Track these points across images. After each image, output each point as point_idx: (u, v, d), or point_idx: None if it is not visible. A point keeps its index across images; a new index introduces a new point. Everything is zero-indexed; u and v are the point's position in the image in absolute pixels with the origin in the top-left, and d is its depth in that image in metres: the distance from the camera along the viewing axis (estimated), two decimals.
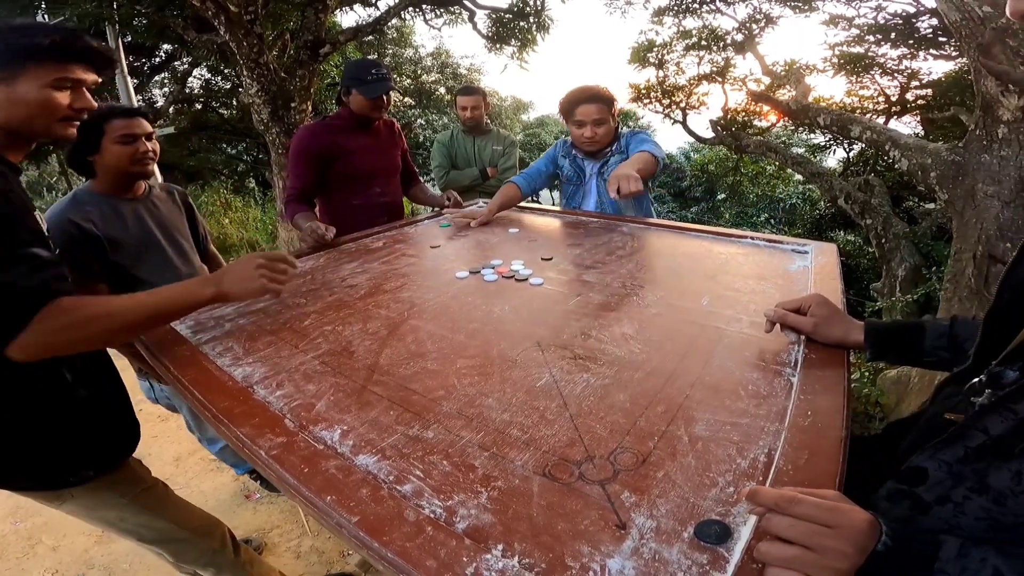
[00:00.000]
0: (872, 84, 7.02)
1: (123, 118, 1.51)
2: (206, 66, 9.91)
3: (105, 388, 1.20)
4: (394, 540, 0.55)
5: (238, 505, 2.21)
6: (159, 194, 1.72)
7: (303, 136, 2.06)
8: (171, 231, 1.68)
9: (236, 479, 2.35)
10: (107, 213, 1.53)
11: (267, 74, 4.83)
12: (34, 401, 1.01)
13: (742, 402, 0.78)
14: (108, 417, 1.19)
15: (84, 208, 1.49)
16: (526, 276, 1.33)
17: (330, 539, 2.00)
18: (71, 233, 1.43)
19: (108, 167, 1.54)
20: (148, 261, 1.59)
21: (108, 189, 1.57)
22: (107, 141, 1.50)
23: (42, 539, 2.12)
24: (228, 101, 11.10)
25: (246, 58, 4.67)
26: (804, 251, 1.49)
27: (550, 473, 0.65)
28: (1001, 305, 0.68)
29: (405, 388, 0.84)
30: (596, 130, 1.95)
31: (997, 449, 0.56)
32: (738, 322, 1.05)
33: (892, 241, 3.78)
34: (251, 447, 0.70)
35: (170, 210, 1.72)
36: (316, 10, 5.18)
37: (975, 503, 0.57)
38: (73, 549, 2.06)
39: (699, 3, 7.18)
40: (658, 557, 0.53)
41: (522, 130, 17.50)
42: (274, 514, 2.15)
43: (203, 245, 1.86)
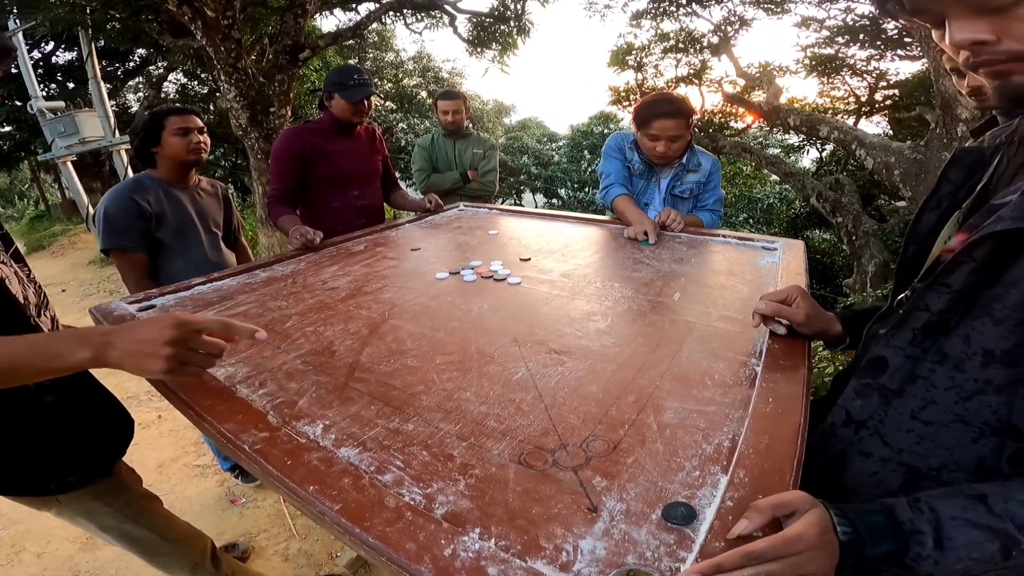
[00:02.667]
0: (842, 85, 7.22)
1: (179, 115, 1.83)
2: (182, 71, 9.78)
3: (77, 394, 1.17)
4: (375, 525, 0.57)
5: (223, 510, 2.21)
6: (205, 186, 2.01)
7: (285, 137, 2.10)
8: (208, 219, 1.95)
9: (221, 484, 2.34)
10: (160, 196, 1.82)
11: (245, 79, 4.79)
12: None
13: (708, 391, 0.82)
14: (84, 423, 1.17)
15: (144, 189, 1.79)
16: (504, 276, 1.36)
17: (318, 541, 2.00)
18: (127, 207, 1.75)
19: (167, 157, 1.83)
20: (185, 240, 1.87)
21: (166, 176, 1.86)
22: (166, 134, 1.80)
23: (26, 546, 2.10)
24: (205, 106, 10.98)
25: (223, 63, 4.63)
26: (773, 248, 1.54)
27: (525, 461, 0.68)
28: (908, 257, 0.78)
29: (386, 384, 0.87)
30: (671, 146, 1.85)
31: (943, 323, 0.64)
32: (707, 316, 1.10)
33: (862, 238, 3.89)
34: (235, 442, 0.72)
35: (211, 201, 2.00)
36: (295, 15, 5.15)
37: (940, 373, 0.64)
38: (58, 555, 2.04)
39: (676, 6, 7.30)
40: (628, 538, 0.56)
41: (504, 133, 17.57)
42: (260, 518, 2.15)
43: (234, 235, 2.13)
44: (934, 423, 0.65)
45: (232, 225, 2.12)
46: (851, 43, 6.42)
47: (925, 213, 0.77)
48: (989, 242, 0.59)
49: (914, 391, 0.66)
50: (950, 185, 0.76)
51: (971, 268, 0.61)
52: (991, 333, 0.59)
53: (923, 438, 0.66)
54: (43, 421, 1.08)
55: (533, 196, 17.25)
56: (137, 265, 1.78)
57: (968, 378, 0.61)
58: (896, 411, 0.68)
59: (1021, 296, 0.56)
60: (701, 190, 2.01)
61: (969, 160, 0.74)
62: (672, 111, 1.81)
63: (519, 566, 0.53)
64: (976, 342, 0.60)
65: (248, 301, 1.27)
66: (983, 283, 0.60)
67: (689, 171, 1.99)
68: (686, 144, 1.91)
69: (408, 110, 14.08)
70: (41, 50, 9.17)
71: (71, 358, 0.76)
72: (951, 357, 0.63)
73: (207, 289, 1.37)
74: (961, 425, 0.63)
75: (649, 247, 1.61)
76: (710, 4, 7.21)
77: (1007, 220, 0.57)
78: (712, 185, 2.02)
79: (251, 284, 1.40)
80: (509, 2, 6.61)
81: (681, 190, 2.00)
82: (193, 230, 1.89)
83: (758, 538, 0.53)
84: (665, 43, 8.07)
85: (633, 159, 2.00)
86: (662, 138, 1.84)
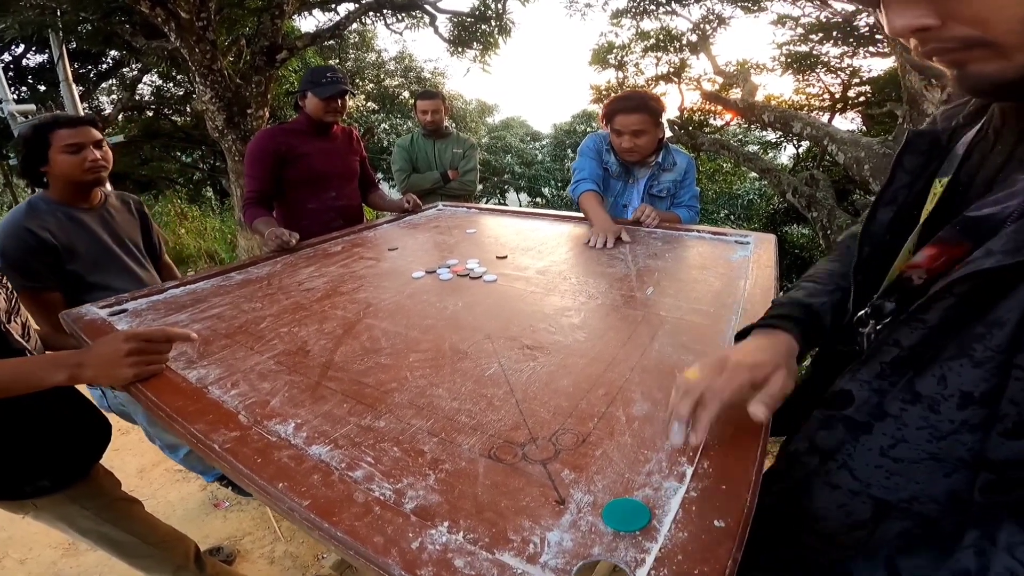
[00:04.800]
0: (817, 82, 7.35)
1: (68, 127, 1.50)
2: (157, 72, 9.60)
3: (51, 397, 1.14)
4: (343, 520, 0.58)
5: (207, 514, 2.18)
6: (114, 203, 1.71)
7: (259, 138, 2.07)
8: (126, 240, 1.68)
9: (204, 488, 2.31)
10: (63, 222, 1.52)
11: (221, 80, 4.72)
12: None
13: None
14: (59, 426, 1.16)
15: (41, 216, 1.49)
16: (480, 274, 1.37)
17: (303, 543, 1.99)
18: (26, 241, 1.43)
19: (59, 177, 1.53)
20: (105, 269, 1.59)
21: (63, 198, 1.56)
22: (54, 151, 1.49)
23: (8, 553, 2.05)
24: (181, 108, 10.77)
25: (199, 64, 4.57)
26: (745, 242, 1.57)
27: (495, 455, 0.69)
28: (863, 258, 0.73)
29: (359, 383, 0.87)
30: (636, 141, 1.88)
31: (916, 359, 0.59)
32: (679, 309, 1.12)
33: (837, 233, 3.97)
34: (205, 442, 0.72)
35: (125, 219, 1.72)
36: (272, 15, 5.10)
37: (913, 413, 0.59)
38: (41, 561, 2.00)
39: (655, 4, 7.37)
40: (594, 529, 0.57)
41: (487, 133, 17.55)
42: (245, 521, 2.13)
43: (156, 253, 1.85)
44: (904, 460, 0.61)
45: (153, 241, 1.84)
46: (825, 40, 6.55)
47: (880, 208, 0.72)
48: (975, 278, 0.53)
49: (883, 428, 0.62)
50: (905, 176, 0.69)
51: (950, 304, 0.55)
52: (970, 375, 0.54)
53: (893, 473, 0.62)
54: (17, 424, 1.07)
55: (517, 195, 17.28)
56: (50, 304, 1.47)
57: (943, 419, 0.57)
58: (864, 447, 0.64)
59: (1006, 338, 0.51)
60: (677, 188, 2.04)
61: (923, 145, 0.68)
62: (633, 106, 1.85)
63: (486, 558, 0.54)
64: (953, 384, 0.55)
65: (222, 303, 1.26)
66: (962, 320, 0.55)
67: (664, 170, 2.01)
68: (655, 140, 1.93)
69: (390, 110, 13.99)
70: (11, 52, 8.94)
71: (50, 380, 0.92)
72: (924, 397, 0.58)
73: (180, 292, 1.36)
74: (933, 462, 0.59)
75: (627, 243, 1.63)
76: (689, 3, 7.30)
77: (998, 255, 0.50)
78: (688, 182, 2.06)
79: (225, 286, 1.39)
80: (490, 1, 6.60)
81: (659, 189, 2.03)
82: (111, 257, 1.62)
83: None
84: (645, 42, 8.15)
85: (610, 161, 2.02)
86: (625, 133, 1.88)
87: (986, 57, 0.47)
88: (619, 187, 2.07)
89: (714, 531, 0.56)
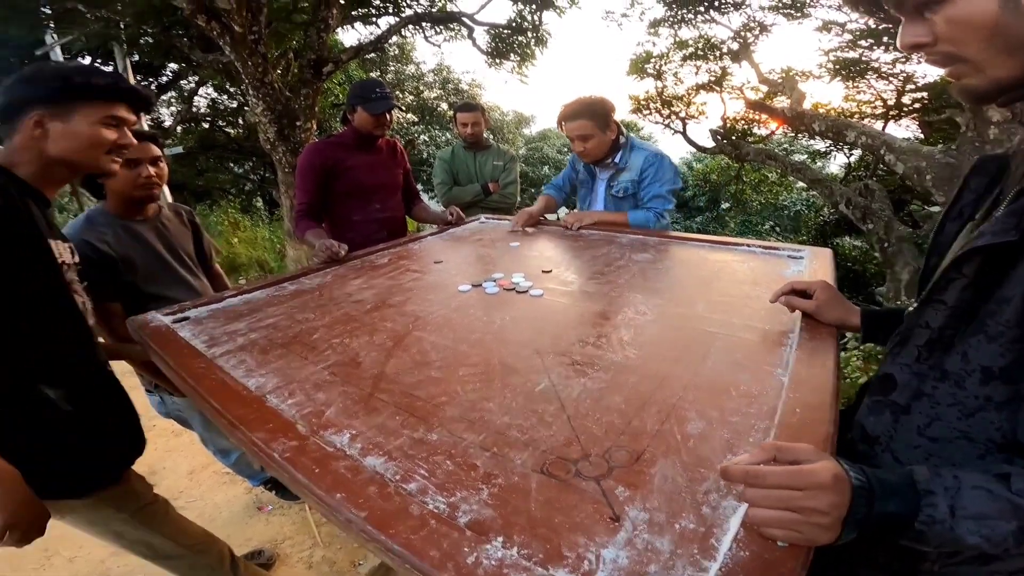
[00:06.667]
0: (868, 88, 7.07)
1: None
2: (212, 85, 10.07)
3: (98, 404, 1.19)
4: (400, 533, 0.58)
5: (250, 517, 2.24)
6: (168, 214, 1.76)
7: (308, 152, 2.13)
8: (179, 251, 1.73)
9: (249, 491, 2.38)
10: (120, 234, 1.57)
11: (272, 93, 4.89)
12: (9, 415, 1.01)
13: (733, 402, 0.82)
14: (98, 432, 1.18)
15: (99, 229, 1.54)
16: (527, 288, 1.37)
17: (341, 549, 2.02)
18: (86, 254, 1.46)
19: (115, 190, 1.58)
20: (159, 280, 1.64)
21: (120, 211, 1.61)
22: None
23: (59, 551, 2.14)
24: (234, 120, 11.22)
25: (251, 77, 4.73)
26: (799, 256, 1.52)
27: (548, 471, 0.69)
28: (930, 267, 0.78)
29: (410, 395, 0.88)
30: (584, 145, 1.99)
31: (943, 339, 0.65)
32: (731, 326, 1.09)
33: (895, 245, 3.79)
34: (266, 450, 0.74)
35: (178, 230, 1.77)
36: (318, 29, 5.24)
37: (942, 390, 0.65)
38: (90, 560, 2.08)
39: (694, 13, 7.27)
40: (650, 547, 0.56)
41: (525, 144, 17.64)
42: (286, 525, 2.18)
43: (207, 263, 1.90)
44: (939, 439, 0.66)
45: (204, 250, 1.89)
46: (875, 46, 6.29)
47: (947, 223, 0.77)
48: (976, 258, 0.60)
49: (920, 408, 0.67)
50: (971, 194, 0.74)
51: (964, 284, 0.62)
52: (987, 350, 0.60)
53: (931, 454, 0.66)
54: (58, 429, 1.09)
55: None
56: (111, 315, 1.52)
57: (969, 395, 0.62)
58: (904, 427, 0.69)
59: (1014, 313, 0.56)
60: (638, 188, 2.07)
61: (992, 168, 0.73)
62: (571, 113, 1.96)
63: (541, 574, 0.53)
64: (974, 359, 0.61)
65: (276, 313, 1.30)
66: (977, 299, 0.61)
67: (621, 171, 2.08)
68: (605, 143, 2.01)
69: (429, 122, 14.26)
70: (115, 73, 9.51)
71: None
72: (951, 374, 0.63)
73: (237, 301, 1.41)
74: (966, 441, 0.63)
75: (643, 257, 1.60)
76: (728, 10, 7.16)
77: (987, 235, 0.57)
78: (648, 181, 2.04)
79: (279, 296, 1.44)
80: (526, 13, 6.66)
81: (617, 190, 2.11)
82: (165, 268, 1.66)
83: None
84: (684, 50, 8.04)
85: (580, 168, 2.21)
86: (573, 138, 1.99)
87: (968, 72, 0.57)
88: (583, 192, 2.26)
89: (777, 551, 0.54)
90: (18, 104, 1.04)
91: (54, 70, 1.07)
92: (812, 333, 1.00)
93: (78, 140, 1.07)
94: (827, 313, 1.02)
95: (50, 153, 1.06)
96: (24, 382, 1.02)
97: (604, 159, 2.06)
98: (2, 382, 0.99)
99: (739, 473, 0.56)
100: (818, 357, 0.92)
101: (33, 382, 1.04)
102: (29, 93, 1.05)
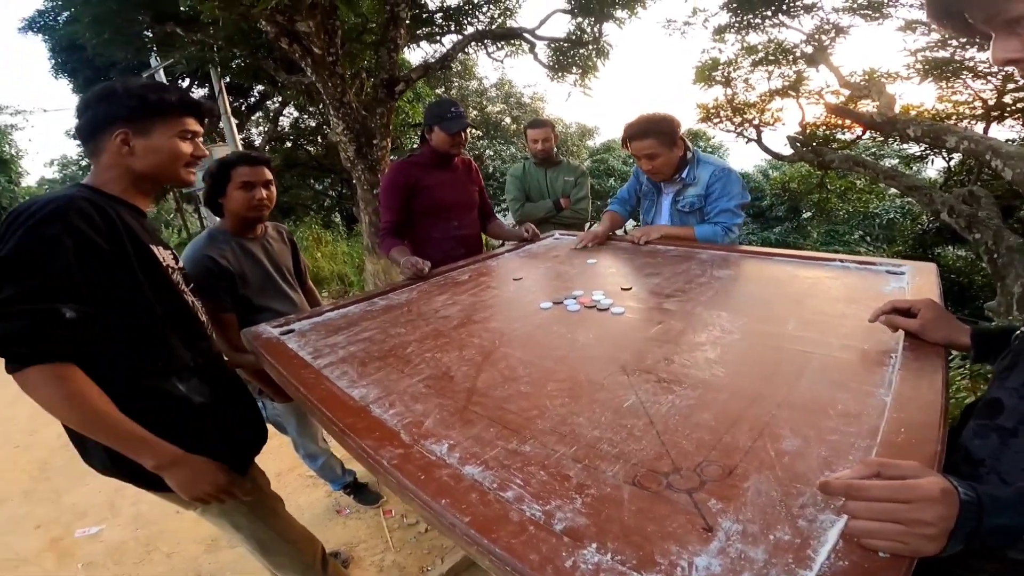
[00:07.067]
0: (964, 89, 6.48)
1: (248, 165, 1.71)
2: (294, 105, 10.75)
3: (225, 396, 1.29)
4: (501, 537, 0.62)
5: (329, 519, 2.37)
6: (272, 233, 1.92)
7: (391, 172, 2.25)
8: (282, 267, 1.88)
9: (329, 495, 2.52)
10: (236, 251, 1.73)
11: (351, 112, 5.11)
12: (147, 407, 1.09)
13: (831, 421, 0.80)
14: (227, 422, 1.27)
15: (219, 245, 1.69)
16: (607, 306, 1.38)
17: (411, 555, 2.10)
18: (209, 268, 1.64)
19: (232, 210, 1.74)
20: (267, 294, 1.80)
21: (235, 229, 1.77)
22: (231, 186, 1.70)
23: (159, 546, 2.33)
24: (314, 138, 11.82)
25: (331, 97, 4.97)
26: (900, 272, 1.44)
27: (639, 482, 0.71)
28: None
29: (502, 408, 0.93)
30: (651, 163, 1.99)
31: None
32: (827, 345, 1.05)
33: (1005, 256, 3.44)
34: (375, 457, 0.80)
35: (280, 247, 1.93)
36: (388, 49, 5.41)
37: None
38: (185, 556, 2.25)
39: (761, 18, 6.99)
40: (744, 556, 0.57)
41: (589, 156, 17.57)
42: (361, 529, 2.29)
43: (302, 279, 2.05)
44: None
45: (300, 267, 2.05)
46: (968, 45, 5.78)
47: None
48: None
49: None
50: None
51: None
52: None
53: None
54: (190, 421, 1.17)
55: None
56: (227, 324, 1.67)
57: None
58: (1011, 451, 0.67)
59: None
60: (704, 203, 2.04)
61: None
62: (637, 132, 1.96)
63: None
64: None
65: (371, 328, 1.40)
66: None
67: (688, 186, 2.05)
68: (673, 160, 2.00)
69: (493, 136, 14.51)
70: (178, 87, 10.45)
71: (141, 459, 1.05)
72: None
73: (335, 315, 1.53)
74: None
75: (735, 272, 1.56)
76: (799, 13, 6.82)
77: None
78: (715, 196, 2.01)
79: (371, 311, 1.54)
80: (586, 26, 6.66)
81: (683, 205, 2.08)
82: (272, 282, 1.82)
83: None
84: (754, 56, 7.72)
85: (643, 180, 2.21)
86: (640, 157, 2.00)
87: None
88: (647, 204, 2.26)
89: (878, 561, 0.54)
90: (102, 122, 1.09)
91: (127, 88, 1.10)
92: (917, 352, 0.96)
93: (160, 155, 1.12)
94: (933, 332, 0.97)
95: (136, 169, 1.12)
96: (159, 378, 1.13)
97: (671, 175, 2.06)
98: (141, 379, 1.10)
99: (840, 486, 0.56)
100: (924, 377, 0.87)
101: (167, 377, 1.14)
102: (111, 111, 1.09)
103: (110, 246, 1.02)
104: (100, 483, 2.95)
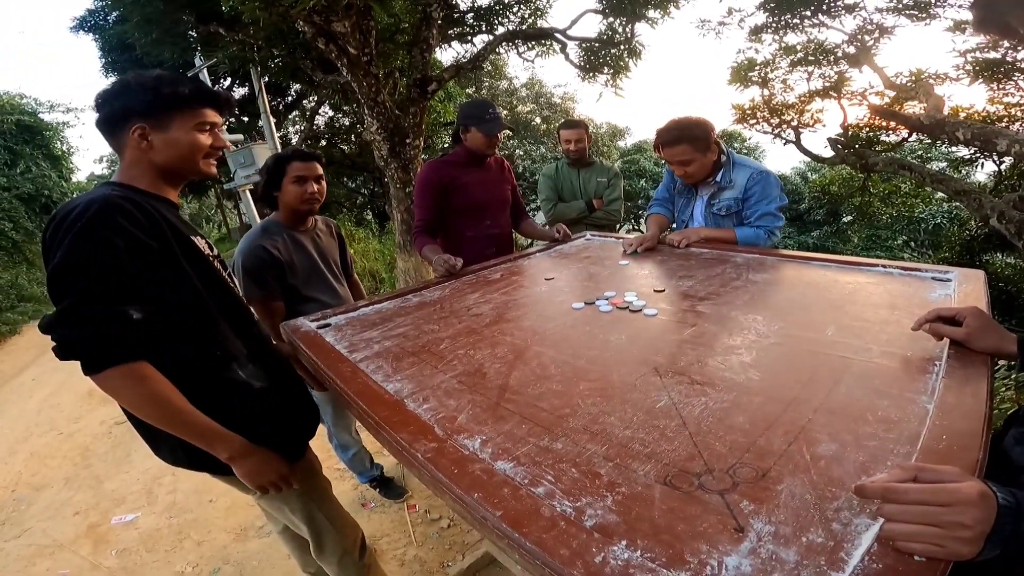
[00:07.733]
0: (1017, 91, 6.16)
1: (301, 160, 1.81)
2: (329, 104, 10.96)
3: (281, 381, 1.31)
4: (532, 532, 0.63)
5: (355, 512, 2.40)
6: (321, 226, 2.02)
7: (425, 171, 2.27)
8: (329, 260, 1.98)
9: (356, 487, 2.58)
10: (287, 242, 1.83)
11: (384, 112, 5.18)
12: (214, 399, 1.11)
13: (870, 427, 0.78)
14: (286, 406, 1.29)
15: (272, 237, 1.80)
16: (640, 307, 1.38)
17: (433, 550, 2.13)
18: (262, 258, 1.75)
19: (285, 203, 1.84)
20: (315, 284, 1.90)
21: (287, 221, 1.87)
22: (286, 180, 1.80)
23: (190, 534, 2.42)
24: (348, 137, 12.01)
25: (366, 96, 5.05)
26: (946, 279, 1.39)
27: (670, 482, 0.71)
28: None
29: (534, 406, 0.94)
30: (685, 169, 1.98)
31: None
32: (867, 352, 1.03)
33: None
34: (409, 450, 0.83)
35: (328, 240, 2.04)
36: (421, 49, 5.48)
37: None
38: (214, 544, 2.33)
39: (800, 18, 6.77)
40: (775, 557, 0.57)
41: (620, 156, 17.39)
42: (385, 523, 2.33)
43: (349, 271, 2.15)
44: None
45: (347, 260, 2.14)
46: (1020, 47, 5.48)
47: None
48: None
49: None
50: None
51: None
52: None
53: None
54: (254, 406, 1.19)
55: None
56: (275, 312, 1.78)
57: None
58: None
59: None
60: (742, 206, 2.00)
61: None
62: (670, 139, 1.94)
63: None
64: None
65: (405, 323, 1.43)
66: None
67: (723, 189, 2.02)
68: (706, 164, 1.98)
69: (524, 136, 14.48)
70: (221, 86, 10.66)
71: (215, 450, 1.09)
72: None
73: (370, 311, 1.57)
74: None
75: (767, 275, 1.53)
76: (840, 13, 6.58)
77: None
78: (755, 199, 1.97)
79: (405, 308, 1.57)
80: (617, 26, 6.59)
81: (719, 207, 2.05)
82: (319, 274, 1.91)
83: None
84: (792, 56, 7.49)
85: (678, 180, 2.16)
86: (673, 163, 1.98)
87: None
88: (681, 204, 2.23)
89: (914, 564, 0.54)
90: (119, 117, 1.09)
91: (140, 82, 1.08)
92: (962, 361, 0.93)
93: (179, 147, 1.11)
94: (979, 341, 0.95)
95: (157, 162, 1.11)
96: (221, 368, 1.16)
97: (706, 179, 2.04)
98: (204, 370, 1.13)
99: (877, 489, 0.56)
100: (969, 385, 0.85)
101: (227, 364, 1.17)
102: (127, 106, 1.08)
103: (156, 242, 1.03)
104: (139, 471, 3.09)
